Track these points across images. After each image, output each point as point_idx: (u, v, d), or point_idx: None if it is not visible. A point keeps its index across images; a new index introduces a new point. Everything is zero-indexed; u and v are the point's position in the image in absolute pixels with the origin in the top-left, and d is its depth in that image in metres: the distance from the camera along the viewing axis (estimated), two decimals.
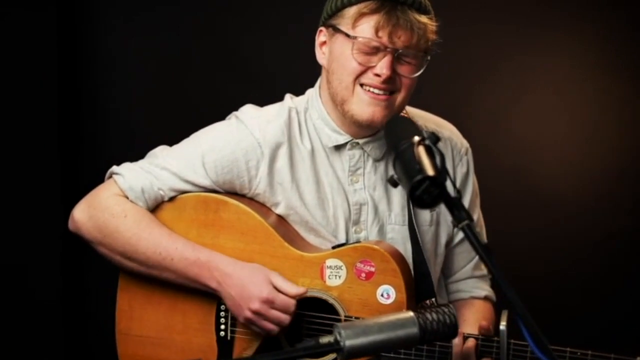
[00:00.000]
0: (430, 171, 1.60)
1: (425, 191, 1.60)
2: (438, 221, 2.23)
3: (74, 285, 3.33)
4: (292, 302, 2.02)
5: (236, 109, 2.37)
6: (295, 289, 2.03)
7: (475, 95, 3.27)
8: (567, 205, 3.27)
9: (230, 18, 3.29)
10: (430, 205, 1.62)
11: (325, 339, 1.64)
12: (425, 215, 2.20)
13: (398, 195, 2.19)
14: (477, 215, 2.31)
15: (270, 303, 2.01)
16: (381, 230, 2.18)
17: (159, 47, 3.30)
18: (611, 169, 3.25)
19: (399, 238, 2.18)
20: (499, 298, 2.25)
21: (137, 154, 3.18)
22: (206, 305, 2.11)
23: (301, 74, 3.15)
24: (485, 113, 3.26)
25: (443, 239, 2.25)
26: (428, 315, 1.73)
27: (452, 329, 1.73)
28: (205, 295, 2.10)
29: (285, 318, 2.02)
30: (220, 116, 3.17)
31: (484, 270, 2.35)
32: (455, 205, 1.62)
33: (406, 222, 2.18)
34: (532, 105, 3.27)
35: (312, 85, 2.24)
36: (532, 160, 3.29)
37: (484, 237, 2.35)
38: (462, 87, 3.26)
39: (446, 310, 1.75)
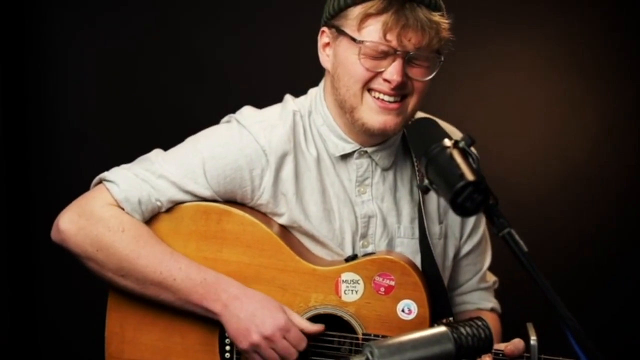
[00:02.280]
0: (471, 176, 1.55)
1: (467, 198, 1.55)
2: (446, 234, 2.17)
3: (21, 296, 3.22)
4: (305, 338, 1.93)
5: (191, 110, 2.33)
6: (312, 327, 1.95)
7: (454, 97, 3.28)
8: (547, 208, 3.28)
9: (183, 15, 3.22)
10: (472, 212, 1.56)
11: (355, 359, 1.59)
12: (434, 228, 2.13)
13: (407, 206, 2.12)
14: (484, 225, 2.27)
15: (284, 332, 1.92)
16: (390, 244, 2.10)
17: (106, 43, 3.20)
18: (594, 171, 3.27)
19: (408, 252, 2.10)
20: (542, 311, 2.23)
21: (86, 155, 3.17)
22: (208, 325, 1.99)
23: (257, 72, 3.18)
24: (463, 115, 3.28)
25: (451, 252, 2.19)
26: (462, 330, 1.68)
27: (487, 343, 1.68)
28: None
29: (293, 353, 1.93)
30: (173, 117, 3.13)
31: (489, 282, 2.31)
32: (494, 212, 1.59)
33: (415, 235, 2.11)
34: (511, 107, 3.28)
35: (264, 82, 2.14)
36: (511, 163, 3.31)
37: (489, 249, 2.32)
38: (441, 90, 3.26)
39: (480, 323, 1.70)
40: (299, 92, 2.21)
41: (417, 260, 2.08)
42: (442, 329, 1.66)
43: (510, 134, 3.29)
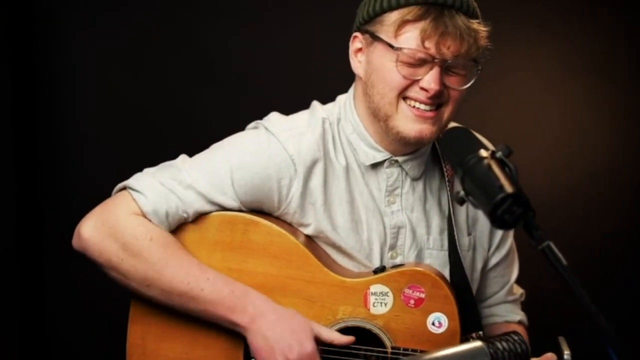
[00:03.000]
0: (510, 188, 1.54)
1: (507, 210, 1.54)
2: (474, 246, 2.15)
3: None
4: None
5: (200, 111, 2.31)
6: (343, 338, 1.93)
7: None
8: (560, 208, 3.27)
9: (194, 15, 3.21)
10: (512, 225, 1.55)
11: None
12: (463, 239, 2.11)
13: (436, 218, 2.10)
14: (512, 237, 2.25)
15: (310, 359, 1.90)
16: (419, 256, 2.08)
17: (114, 43, 3.21)
18: (603, 171, 3.28)
19: (437, 264, 2.08)
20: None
21: (94, 156, 3.16)
22: (232, 339, 1.97)
23: (273, 74, 3.17)
24: (474, 115, 3.28)
25: (479, 265, 2.17)
26: (498, 345, 1.68)
27: (524, 358, 1.68)
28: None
29: None
30: (183, 119, 3.13)
31: (516, 295, 2.29)
32: (533, 225, 1.57)
33: (444, 247, 2.09)
34: (522, 107, 3.29)
35: (282, 85, 2.12)
36: (523, 162, 3.31)
37: (516, 261, 2.30)
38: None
39: (516, 338, 1.70)
40: (313, 93, 2.19)
41: (446, 272, 2.06)
42: (478, 343, 1.65)
43: (525, 137, 3.29)
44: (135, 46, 3.19)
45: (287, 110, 2.15)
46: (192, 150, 2.11)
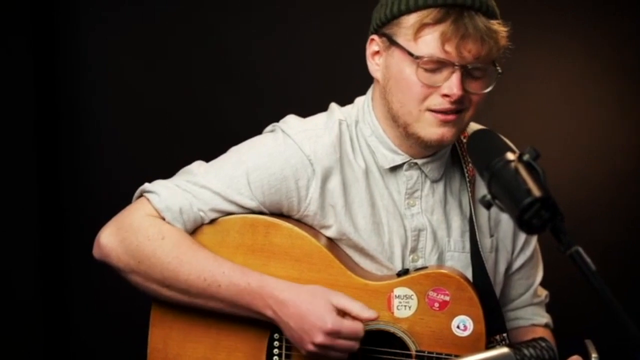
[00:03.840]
0: (538, 192, 1.53)
1: (535, 215, 1.53)
2: (497, 248, 2.14)
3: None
4: (360, 327, 1.89)
5: (220, 111, 2.30)
6: (366, 312, 1.90)
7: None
8: (578, 209, 3.24)
9: (213, 15, 3.20)
10: (539, 230, 1.53)
11: None
12: (485, 241, 2.10)
13: (457, 219, 2.09)
14: (536, 237, 2.23)
15: (336, 334, 1.88)
16: (440, 258, 2.07)
17: (136, 44, 3.20)
18: (620, 172, 3.25)
19: (458, 266, 2.06)
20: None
21: (116, 159, 3.19)
22: (255, 342, 1.98)
23: (291, 76, 3.16)
24: (493, 117, 3.27)
25: (502, 267, 2.16)
26: (525, 351, 1.68)
27: None
28: (254, 329, 1.98)
29: (354, 345, 1.89)
30: (204, 120, 3.13)
31: (541, 297, 2.28)
32: (561, 230, 1.56)
33: (466, 249, 2.08)
34: (539, 109, 3.26)
35: (301, 87, 2.11)
36: (550, 164, 3.30)
37: (540, 262, 2.29)
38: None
39: (544, 344, 1.70)
40: (334, 94, 2.18)
41: (469, 275, 2.05)
42: (504, 350, 1.64)
43: (554, 138, 3.26)
44: (156, 47, 3.19)
45: (308, 112, 2.15)
46: (213, 150, 2.12)
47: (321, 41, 3.15)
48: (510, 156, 1.62)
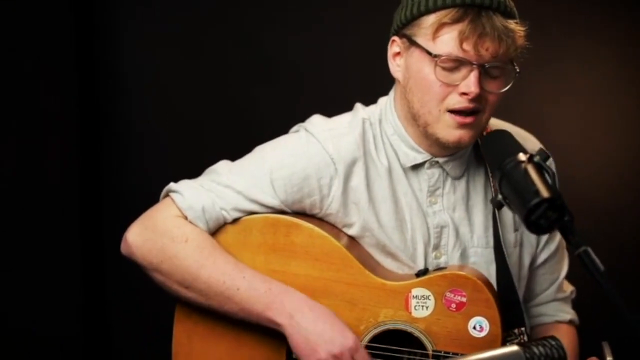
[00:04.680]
0: (546, 193, 1.56)
1: (542, 215, 1.56)
2: (522, 242, 2.16)
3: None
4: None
5: (261, 111, 2.36)
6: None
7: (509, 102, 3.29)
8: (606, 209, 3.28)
9: (254, 15, 3.29)
10: (547, 230, 1.57)
11: None
12: (509, 236, 2.13)
13: (480, 215, 2.12)
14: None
15: (353, 352, 1.94)
16: (463, 254, 2.11)
17: (176, 43, 3.29)
18: None
19: (482, 262, 2.11)
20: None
21: (156, 157, 3.27)
22: (276, 340, 2.03)
23: (328, 74, 3.21)
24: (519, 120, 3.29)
25: (527, 261, 2.18)
26: (535, 350, 1.70)
27: None
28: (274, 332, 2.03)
29: None
30: (245, 120, 3.20)
31: (566, 292, 2.30)
32: (570, 230, 1.59)
33: (490, 244, 2.11)
34: (566, 111, 3.29)
35: (339, 86, 2.15)
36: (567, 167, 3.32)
37: (565, 257, 2.30)
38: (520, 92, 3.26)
39: (553, 343, 1.71)
40: (373, 94, 2.22)
41: (492, 270, 2.09)
42: (514, 348, 1.68)
43: (589, 138, 3.29)
44: (195, 48, 3.28)
45: (343, 111, 2.19)
46: (249, 150, 2.18)
47: (357, 41, 3.19)
48: (521, 157, 1.67)
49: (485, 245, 2.13)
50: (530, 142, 2.22)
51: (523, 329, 2.05)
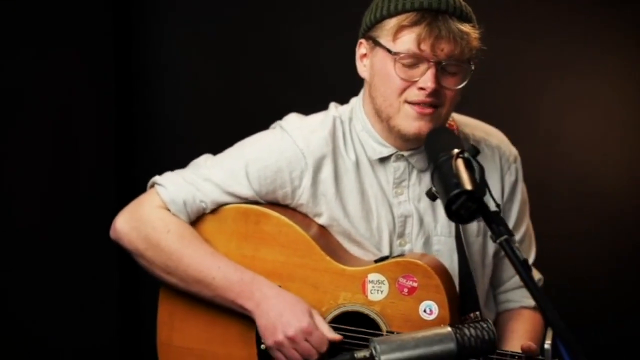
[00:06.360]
0: (468, 185, 1.69)
1: (462, 206, 1.69)
2: (485, 232, 2.30)
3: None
4: (326, 342, 2.13)
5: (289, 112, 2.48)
6: (332, 334, 2.14)
7: (528, 104, 3.37)
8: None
9: (286, 17, 3.41)
10: (468, 220, 1.71)
11: (360, 354, 1.75)
12: (472, 226, 2.28)
13: None
14: (526, 224, 2.41)
15: (307, 334, 2.12)
16: (427, 243, 2.27)
17: (210, 47, 3.43)
18: None
19: (445, 250, 2.27)
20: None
21: (186, 154, 3.40)
22: (247, 319, 2.22)
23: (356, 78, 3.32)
24: (538, 121, 3.37)
25: (491, 250, 2.33)
26: (466, 331, 1.82)
27: (490, 345, 1.81)
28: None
29: (314, 354, 2.12)
30: (272, 120, 3.36)
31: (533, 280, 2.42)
32: (494, 220, 1.71)
33: (453, 234, 2.27)
34: (588, 111, 3.36)
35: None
36: (587, 165, 3.38)
37: (533, 248, 2.45)
38: (514, 96, 3.36)
39: (485, 325, 1.83)
40: None
41: (455, 257, 2.25)
42: (446, 329, 1.81)
43: (595, 139, 3.36)
44: (228, 48, 3.43)
45: None
46: None
47: None
48: (452, 152, 1.80)
49: (448, 234, 2.28)
50: (495, 139, 2.37)
51: (477, 313, 2.20)
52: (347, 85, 3.25)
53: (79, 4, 3.22)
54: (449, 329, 1.80)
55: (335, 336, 2.14)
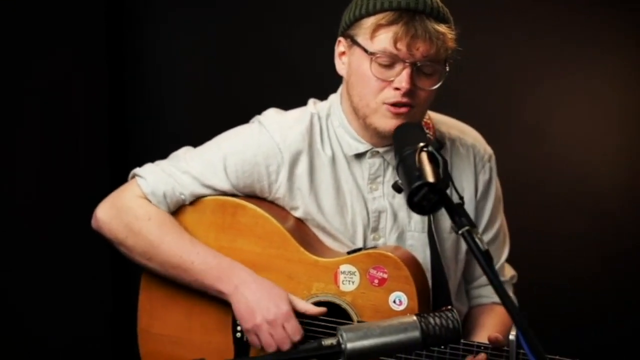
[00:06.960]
0: (430, 177, 1.74)
1: (424, 197, 1.75)
2: None
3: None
4: (300, 332, 2.20)
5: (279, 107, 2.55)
6: (315, 309, 2.21)
7: (528, 104, 3.42)
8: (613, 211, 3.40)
9: (282, 18, 3.48)
10: (430, 211, 1.76)
11: (328, 341, 1.80)
12: (446, 222, 2.34)
13: None
14: (500, 221, 2.46)
15: (285, 320, 2.19)
16: (400, 237, 2.34)
17: (204, 45, 3.51)
18: None
19: (418, 245, 2.34)
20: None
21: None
22: (223, 307, 2.29)
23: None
24: (538, 121, 3.41)
25: (464, 246, 2.39)
26: (431, 320, 1.87)
27: (455, 333, 1.86)
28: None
29: (288, 342, 2.19)
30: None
31: (506, 277, 2.50)
32: (456, 212, 1.77)
33: (425, 229, 2.33)
34: (588, 111, 3.41)
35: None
36: (587, 165, 3.42)
37: (506, 244, 2.50)
38: (503, 96, 3.41)
39: (449, 315, 1.89)
40: None
41: (428, 253, 2.31)
42: (411, 318, 1.86)
43: (592, 140, 3.42)
44: (223, 47, 3.51)
45: None
46: None
47: None
48: (417, 146, 1.85)
49: (422, 230, 2.35)
50: (470, 137, 2.43)
51: (450, 307, 2.24)
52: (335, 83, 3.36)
53: (72, 2, 3.27)
54: (414, 317, 1.85)
55: (318, 310, 2.21)
